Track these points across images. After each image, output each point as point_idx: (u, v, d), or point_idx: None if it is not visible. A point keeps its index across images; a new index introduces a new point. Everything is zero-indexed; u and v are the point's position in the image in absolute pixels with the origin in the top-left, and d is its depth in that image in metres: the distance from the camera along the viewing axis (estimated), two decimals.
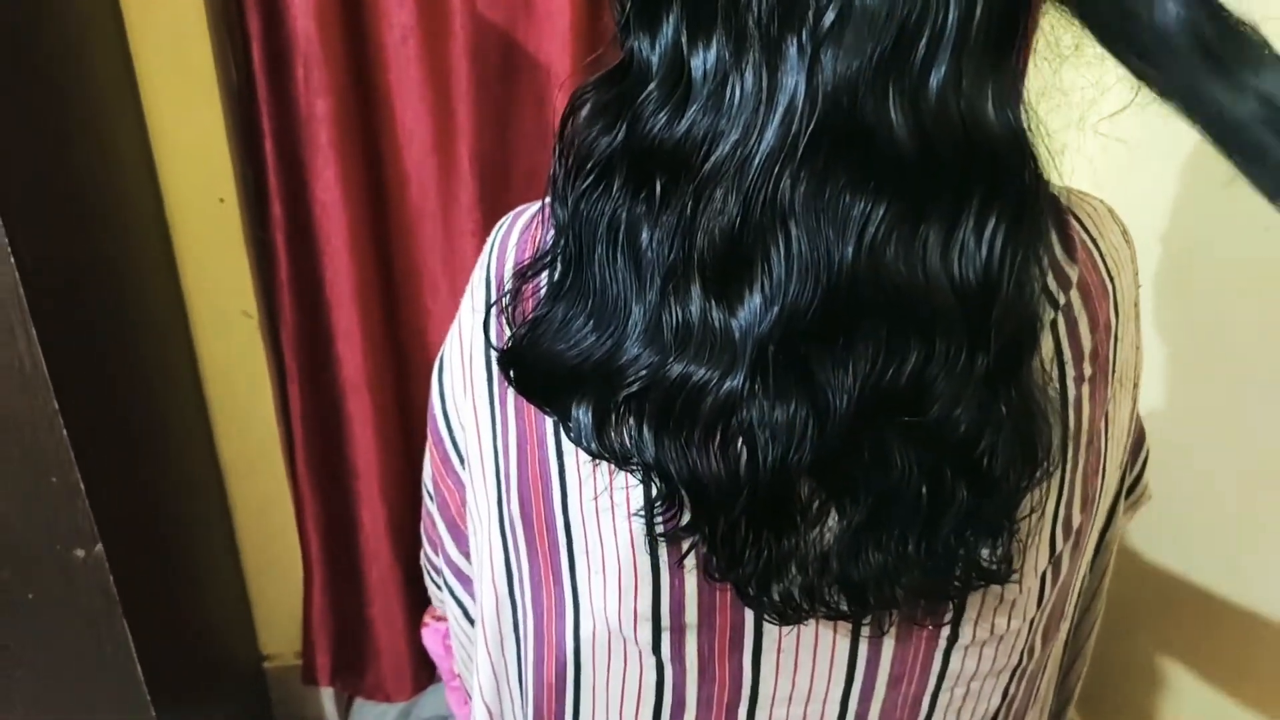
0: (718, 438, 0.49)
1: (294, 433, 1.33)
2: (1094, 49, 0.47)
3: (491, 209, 1.22)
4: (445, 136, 1.20)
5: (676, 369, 0.48)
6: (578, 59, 1.10)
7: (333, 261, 1.20)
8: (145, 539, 1.10)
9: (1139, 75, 0.43)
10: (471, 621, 0.77)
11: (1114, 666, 1.27)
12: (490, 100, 1.17)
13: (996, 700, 0.62)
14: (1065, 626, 0.65)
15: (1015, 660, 0.61)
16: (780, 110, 0.44)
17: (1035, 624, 0.60)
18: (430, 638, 1.05)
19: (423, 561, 0.81)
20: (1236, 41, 0.42)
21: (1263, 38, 0.42)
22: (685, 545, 0.55)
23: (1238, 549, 1.05)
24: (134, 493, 1.08)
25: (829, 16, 0.43)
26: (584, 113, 0.52)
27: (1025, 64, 0.49)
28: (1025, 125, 0.46)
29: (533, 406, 0.57)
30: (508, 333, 0.56)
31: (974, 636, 0.58)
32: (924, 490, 0.48)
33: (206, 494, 1.34)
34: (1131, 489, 0.76)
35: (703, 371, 0.48)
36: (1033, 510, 0.54)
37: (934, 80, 0.43)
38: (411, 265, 1.27)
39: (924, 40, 0.43)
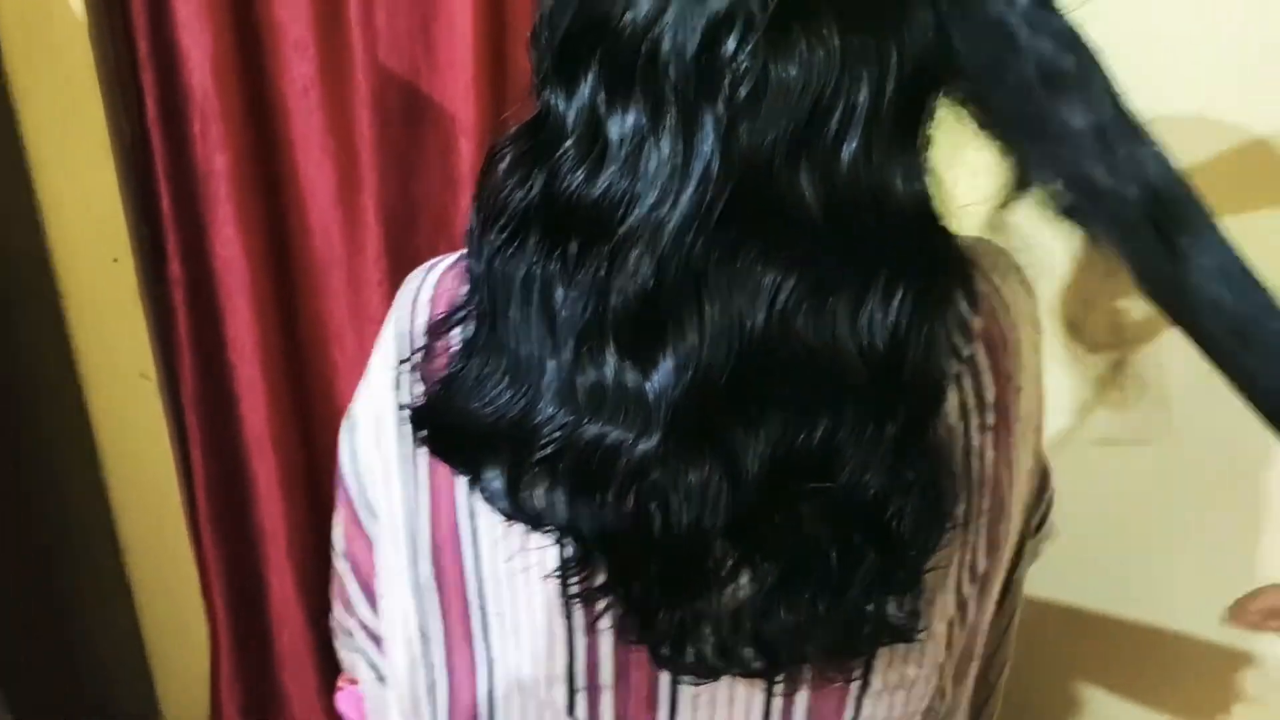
0: (631, 500, 0.49)
1: (196, 497, 1.28)
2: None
3: (398, 259, 1.20)
4: (349, 187, 1.18)
5: (591, 430, 0.48)
6: (482, 108, 1.10)
7: (234, 318, 1.17)
8: (34, 616, 1.04)
9: (1022, 156, 0.45)
10: (384, 683, 0.74)
11: (1031, 692, 1.30)
12: (394, 150, 1.16)
13: None
14: (975, 667, 0.67)
15: (926, 704, 0.62)
16: (695, 177, 0.45)
17: (944, 668, 0.61)
18: (345, 701, 1.02)
19: (332, 623, 0.79)
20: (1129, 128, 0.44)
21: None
22: (600, 606, 0.54)
23: (1133, 571, 1.09)
24: (23, 567, 1.03)
25: (745, 88, 0.44)
26: (501, 166, 0.52)
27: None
28: (931, 193, 0.47)
29: (445, 466, 0.56)
30: (420, 390, 0.55)
31: (885, 683, 0.59)
32: (834, 552, 0.49)
33: (103, 564, 1.28)
34: (1038, 528, 0.78)
35: (617, 433, 0.48)
36: (937, 566, 0.55)
37: (845, 154, 0.45)
38: (317, 318, 1.25)
39: (837, 115, 0.44)
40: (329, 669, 1.40)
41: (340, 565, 0.70)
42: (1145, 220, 0.43)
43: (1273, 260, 0.46)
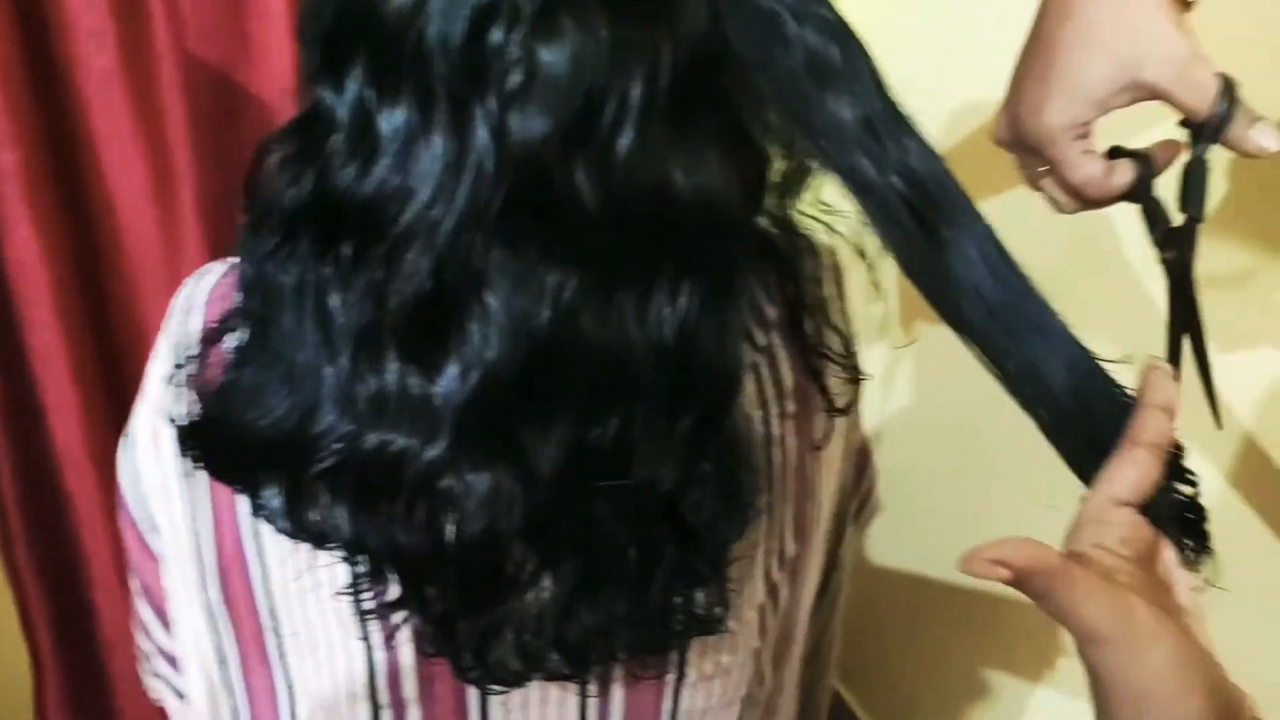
0: (421, 509, 0.47)
1: (8, 520, 1.18)
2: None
3: (223, 256, 1.14)
4: (164, 184, 1.11)
5: (373, 438, 0.46)
6: (301, 97, 1.05)
7: (36, 328, 1.09)
8: None
9: (812, 150, 0.46)
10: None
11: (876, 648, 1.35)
12: (211, 144, 1.10)
13: None
14: (797, 649, 0.68)
15: (745, 690, 0.62)
16: (470, 174, 0.43)
17: (761, 654, 0.62)
18: None
19: (136, 651, 0.74)
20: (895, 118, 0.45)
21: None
22: (396, 620, 0.52)
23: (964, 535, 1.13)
24: None
25: (514, 80, 0.43)
26: (271, 163, 0.49)
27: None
28: (717, 183, 0.47)
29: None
30: (195, 404, 0.52)
31: (700, 673, 0.59)
32: (633, 550, 0.49)
33: None
34: (860, 509, 0.80)
35: (401, 441, 0.46)
36: (742, 555, 0.55)
37: (621, 147, 0.44)
38: (134, 324, 1.17)
39: (610, 108, 0.43)
40: None
41: (133, 586, 0.66)
42: (908, 211, 0.44)
43: None
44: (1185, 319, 0.50)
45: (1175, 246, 0.50)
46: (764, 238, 0.55)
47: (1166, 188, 0.52)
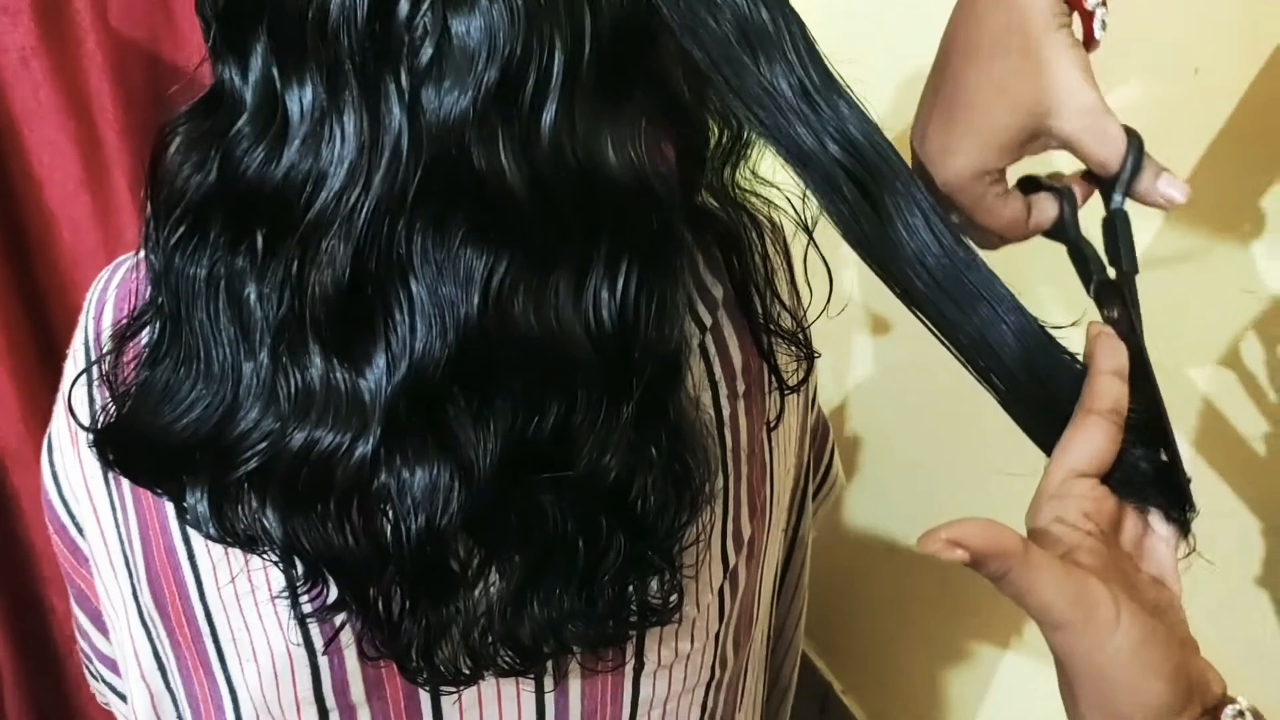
0: (354, 508, 0.45)
1: None
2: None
3: None
4: (96, 167, 1.06)
5: (299, 437, 0.44)
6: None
7: None
8: None
9: (748, 120, 0.43)
10: None
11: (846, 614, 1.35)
12: (142, 124, 1.05)
13: (696, 715, 0.62)
14: (758, 631, 0.66)
15: (707, 675, 0.61)
16: (386, 155, 0.40)
17: (721, 638, 0.60)
18: None
19: (81, 656, 0.72)
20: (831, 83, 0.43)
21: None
22: (337, 622, 0.50)
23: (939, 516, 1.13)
24: None
25: (425, 54, 0.40)
26: (173, 149, 0.46)
27: None
28: (652, 158, 0.44)
29: None
30: (109, 404, 0.49)
31: (660, 661, 0.57)
32: (580, 541, 0.47)
33: None
34: (820, 485, 0.78)
35: (330, 437, 0.44)
36: (697, 539, 0.53)
37: (545, 123, 0.41)
38: (72, 317, 1.13)
39: (531, 81, 0.40)
40: None
41: (69, 590, 0.64)
42: (848, 180, 0.42)
43: None
44: (1143, 383, 0.44)
45: (1116, 302, 0.46)
46: (705, 213, 0.53)
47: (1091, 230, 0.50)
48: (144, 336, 0.49)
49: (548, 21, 0.40)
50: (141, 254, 0.53)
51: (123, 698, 0.67)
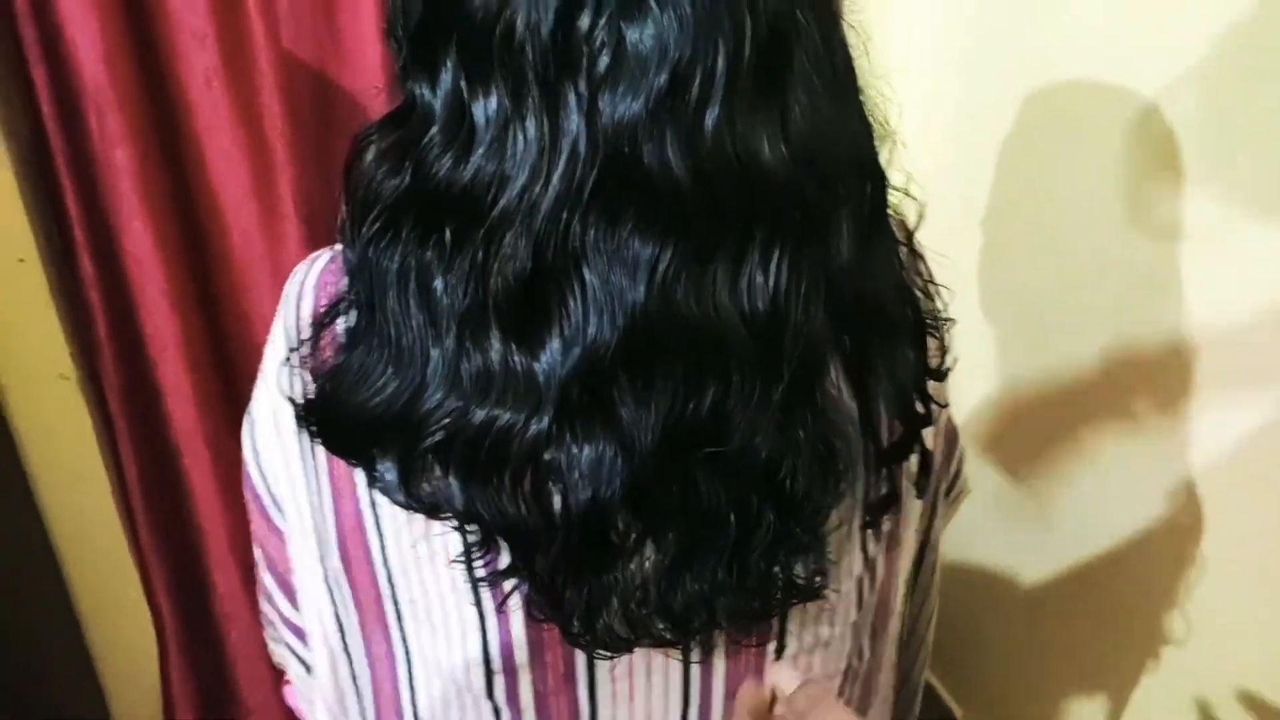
0: (527, 481, 0.49)
1: (130, 499, 1.26)
2: None
3: (321, 248, 1.18)
4: (264, 178, 1.16)
5: (480, 415, 0.48)
6: (391, 89, 1.08)
7: (152, 316, 1.15)
8: None
9: None
10: (311, 674, 0.74)
11: (970, 638, 1.33)
12: (307, 138, 1.14)
13: None
14: (894, 625, 0.68)
15: (844, 664, 0.63)
16: (564, 156, 0.45)
17: (859, 627, 0.62)
18: (292, 696, 1.01)
19: (260, 617, 0.79)
20: None
21: None
22: (507, 588, 0.54)
23: (1061, 529, 1.11)
24: None
25: (603, 62, 0.44)
26: (369, 156, 0.52)
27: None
28: (806, 155, 0.47)
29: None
30: (310, 384, 0.55)
31: (800, 645, 0.59)
32: (732, 517, 0.50)
33: (40, 574, 1.26)
34: (950, 488, 0.79)
35: (507, 415, 0.48)
36: (840, 524, 0.55)
37: (709, 121, 0.45)
38: (241, 312, 1.23)
39: (696, 83, 0.44)
40: None
41: (256, 556, 0.70)
42: None
43: None
44: None
45: None
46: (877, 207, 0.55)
47: None
48: (339, 324, 0.54)
49: (713, 27, 0.44)
50: (337, 248, 0.59)
51: (302, 663, 0.73)
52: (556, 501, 0.49)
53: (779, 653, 0.60)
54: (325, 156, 1.17)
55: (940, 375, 0.60)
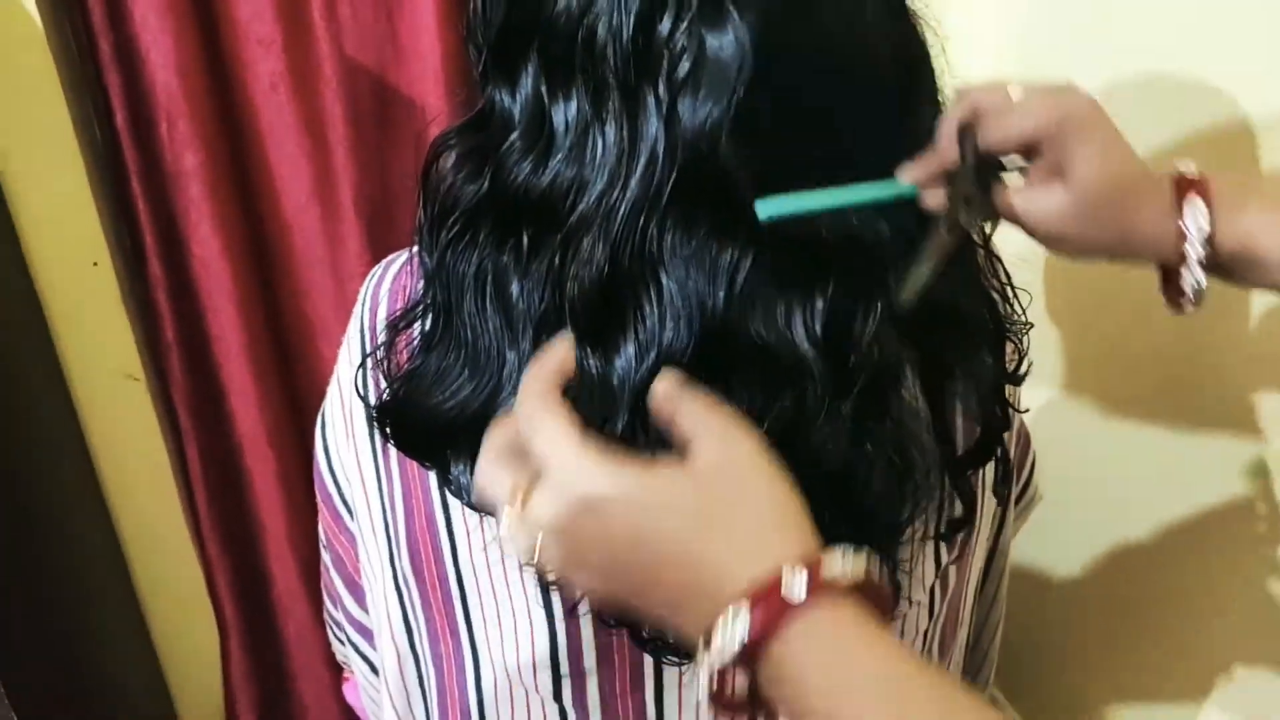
0: None
1: (195, 494, 1.28)
2: None
3: (381, 251, 1.19)
4: (325, 182, 1.18)
5: None
6: (450, 94, 1.09)
7: (218, 316, 1.17)
8: (38, 627, 1.05)
9: None
10: (377, 674, 0.75)
11: (1033, 651, 1.31)
12: (368, 143, 1.16)
13: None
14: (962, 634, 0.67)
15: None
16: (642, 160, 0.45)
17: (930, 635, 0.61)
18: (351, 692, 1.03)
19: (325, 616, 0.80)
20: None
21: None
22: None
23: (1126, 535, 1.09)
24: (24, 579, 1.03)
25: (684, 67, 0.44)
26: (447, 161, 0.52)
27: None
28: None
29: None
30: (384, 386, 0.55)
31: None
32: None
33: (106, 569, 1.29)
34: (1021, 495, 0.78)
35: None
36: (913, 535, 0.55)
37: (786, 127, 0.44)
38: (302, 314, 1.25)
39: (775, 89, 0.44)
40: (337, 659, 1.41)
41: (325, 559, 0.71)
42: None
43: None
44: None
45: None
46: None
47: None
48: (415, 328, 0.55)
49: (791, 35, 0.43)
50: (414, 251, 0.59)
51: (368, 663, 0.74)
52: None
53: None
54: (383, 161, 1.19)
55: (1018, 380, 0.59)
